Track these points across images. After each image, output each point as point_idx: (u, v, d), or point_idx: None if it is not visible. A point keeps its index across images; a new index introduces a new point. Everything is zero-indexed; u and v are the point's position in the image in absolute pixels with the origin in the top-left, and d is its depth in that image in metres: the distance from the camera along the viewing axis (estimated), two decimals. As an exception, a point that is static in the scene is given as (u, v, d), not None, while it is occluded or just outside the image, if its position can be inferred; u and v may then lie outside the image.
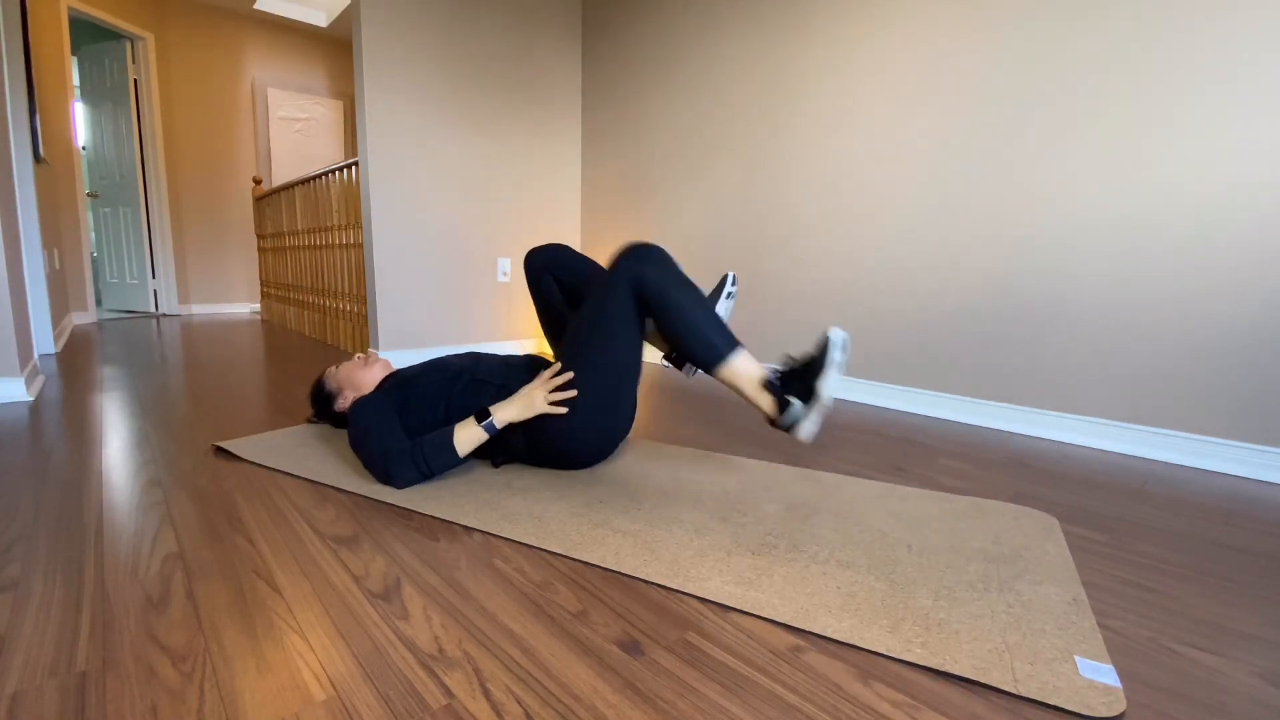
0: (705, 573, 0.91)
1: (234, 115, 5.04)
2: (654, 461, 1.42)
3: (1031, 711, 0.65)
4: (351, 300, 2.98)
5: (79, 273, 4.05)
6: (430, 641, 0.75)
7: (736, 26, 2.44)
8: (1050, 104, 1.66)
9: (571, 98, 3.17)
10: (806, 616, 0.81)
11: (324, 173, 3.10)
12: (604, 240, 3.17)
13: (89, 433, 1.60)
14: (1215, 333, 1.46)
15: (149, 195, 4.68)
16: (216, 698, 0.64)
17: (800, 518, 1.12)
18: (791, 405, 1.19)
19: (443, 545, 1.00)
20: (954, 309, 1.90)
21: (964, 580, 0.91)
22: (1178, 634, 0.80)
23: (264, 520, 1.08)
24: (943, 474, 1.40)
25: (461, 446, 1.23)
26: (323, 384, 1.55)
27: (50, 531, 1.03)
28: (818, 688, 0.68)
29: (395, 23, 2.50)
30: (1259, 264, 1.39)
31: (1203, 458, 1.49)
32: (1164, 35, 1.48)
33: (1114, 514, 1.20)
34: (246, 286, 5.25)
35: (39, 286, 2.78)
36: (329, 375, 1.55)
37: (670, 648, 0.74)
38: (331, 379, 1.54)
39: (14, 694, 0.65)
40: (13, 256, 1.97)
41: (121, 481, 1.26)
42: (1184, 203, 1.48)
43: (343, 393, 1.53)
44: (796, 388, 1.19)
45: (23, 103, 2.73)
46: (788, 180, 2.32)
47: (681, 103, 2.69)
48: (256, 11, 4.92)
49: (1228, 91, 1.41)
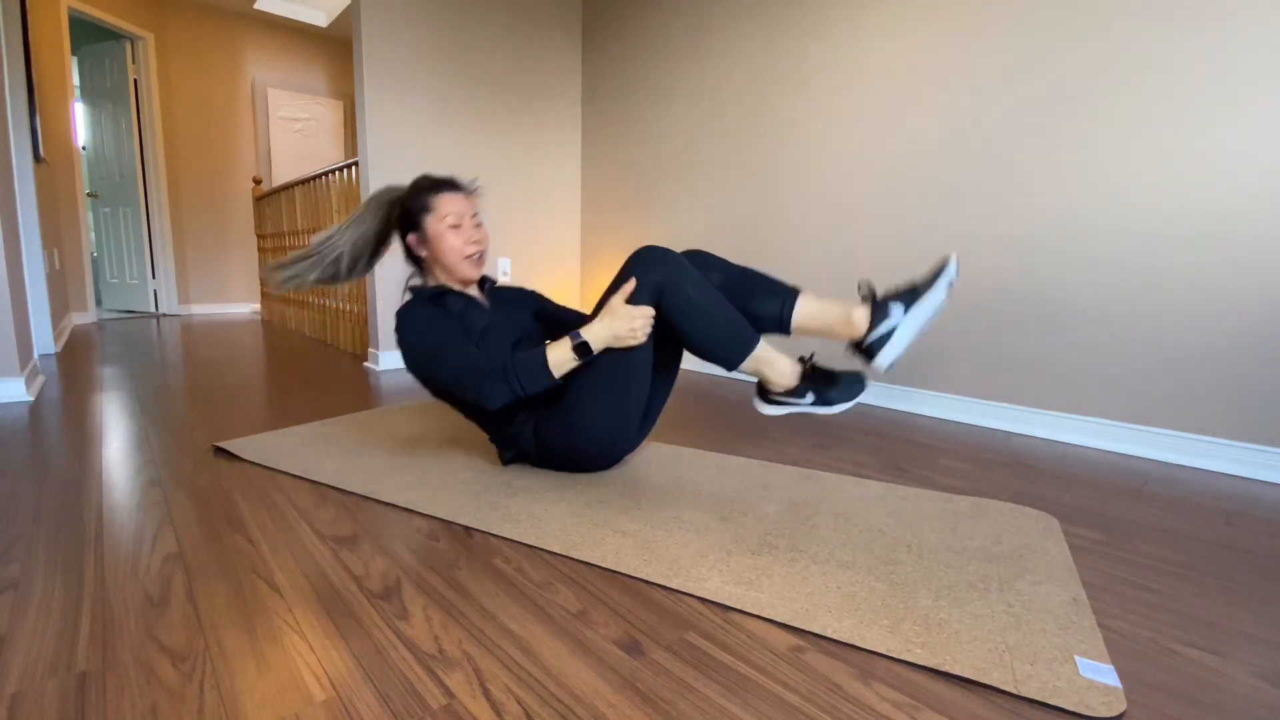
0: (705, 573, 0.91)
1: (234, 115, 5.04)
2: (654, 461, 1.42)
3: (1032, 711, 0.65)
4: (351, 300, 2.98)
5: (79, 273, 4.05)
6: (430, 641, 0.75)
7: (737, 25, 2.44)
8: (1051, 105, 1.66)
9: (571, 97, 3.17)
10: (806, 616, 0.81)
11: (324, 173, 3.10)
12: (604, 240, 3.17)
13: (89, 433, 1.60)
14: (1216, 333, 1.46)
15: (149, 195, 4.67)
16: (216, 698, 0.64)
17: (800, 518, 1.12)
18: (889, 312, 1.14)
19: (443, 545, 1.00)
20: (954, 309, 1.90)
21: (964, 580, 0.91)
22: (1178, 634, 0.80)
23: (264, 520, 1.08)
24: (943, 474, 1.40)
25: (556, 369, 1.18)
26: (418, 212, 1.31)
27: (50, 531, 1.03)
28: (818, 688, 0.68)
29: (395, 23, 2.50)
30: (1259, 264, 1.39)
31: (1203, 458, 1.49)
32: (1167, 37, 1.48)
33: (1114, 514, 1.20)
34: (246, 286, 5.24)
35: (39, 286, 2.78)
36: (432, 221, 1.31)
37: (670, 648, 0.74)
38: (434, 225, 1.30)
39: (14, 694, 0.65)
40: (13, 256, 1.97)
41: (121, 481, 1.26)
42: (1185, 203, 1.48)
43: (431, 268, 1.37)
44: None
45: (23, 103, 2.73)
46: (788, 180, 2.32)
47: (682, 102, 2.69)
48: (256, 11, 4.92)
49: (1229, 93, 1.40)
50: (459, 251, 1.30)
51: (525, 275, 3.10)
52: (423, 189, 1.31)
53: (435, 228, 1.29)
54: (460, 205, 1.31)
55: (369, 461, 1.38)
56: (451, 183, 1.33)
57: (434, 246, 1.31)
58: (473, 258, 1.32)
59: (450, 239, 1.29)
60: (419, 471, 1.33)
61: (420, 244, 1.33)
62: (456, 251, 1.30)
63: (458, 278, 1.34)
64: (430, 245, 1.31)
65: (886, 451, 1.57)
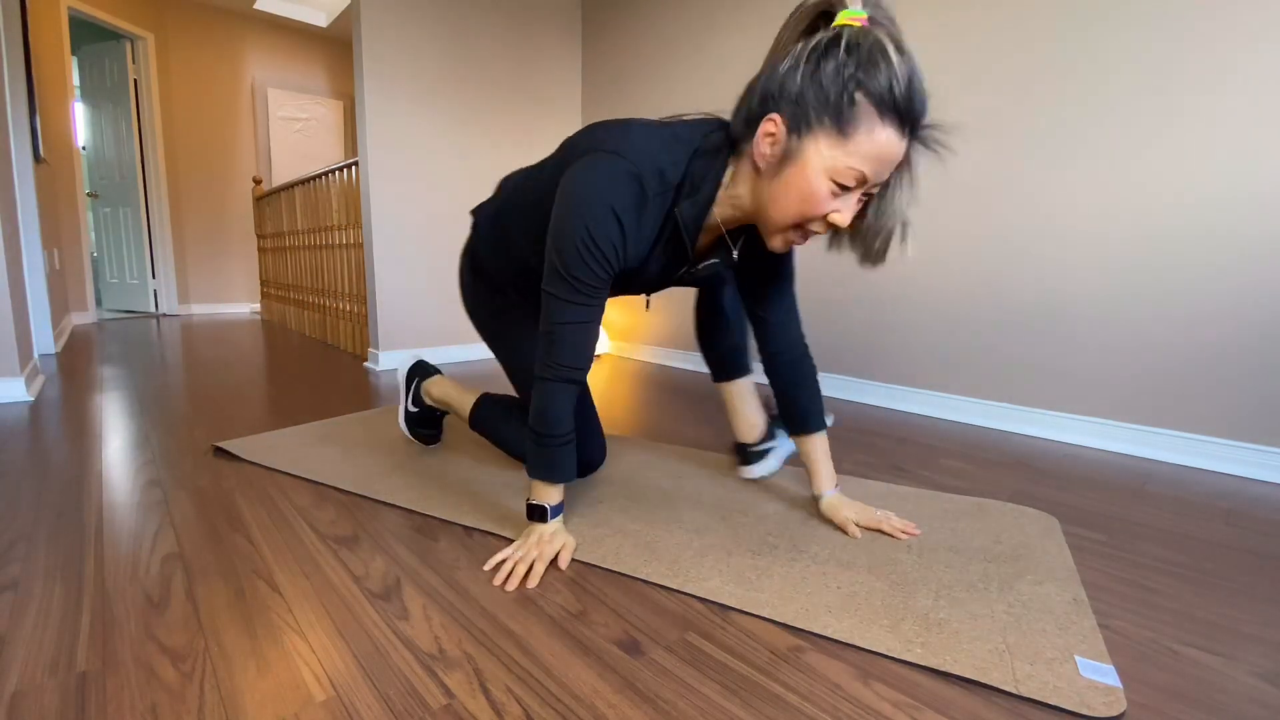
0: (705, 573, 0.91)
1: (234, 115, 5.04)
2: (654, 461, 1.42)
3: (1032, 711, 0.65)
4: (351, 300, 2.98)
5: (79, 273, 4.05)
6: (430, 641, 0.75)
7: (736, 25, 2.44)
8: (1053, 104, 1.66)
9: (571, 97, 3.17)
10: (807, 616, 0.80)
11: (324, 173, 3.10)
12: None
13: (89, 433, 1.60)
14: (1216, 332, 1.46)
15: (149, 195, 4.68)
16: (216, 698, 0.64)
17: (800, 518, 1.12)
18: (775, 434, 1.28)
19: (443, 545, 1.00)
20: (954, 308, 1.90)
21: (964, 580, 0.91)
22: (1178, 634, 0.80)
23: (264, 520, 1.08)
24: (943, 474, 1.40)
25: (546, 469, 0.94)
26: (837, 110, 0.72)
27: (50, 531, 1.03)
28: (818, 688, 0.68)
29: (395, 23, 2.50)
30: (1260, 264, 1.39)
31: (1203, 458, 1.49)
32: (1169, 37, 1.48)
33: (1114, 514, 1.20)
34: (246, 286, 5.24)
35: (39, 286, 2.78)
36: (828, 148, 0.74)
37: (670, 648, 0.74)
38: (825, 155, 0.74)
39: (14, 694, 0.65)
40: (13, 256, 1.97)
41: (121, 481, 1.26)
42: (1185, 203, 1.48)
43: (740, 173, 0.83)
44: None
45: (23, 103, 2.73)
46: (788, 180, 2.31)
47: (682, 102, 2.69)
48: (256, 11, 4.92)
49: (1231, 94, 1.40)
50: (795, 215, 0.78)
51: (525, 275, 3.09)
52: (883, 86, 0.70)
53: (819, 160, 0.75)
54: (884, 162, 0.75)
55: (369, 461, 1.38)
56: (913, 115, 0.74)
57: (787, 175, 0.77)
58: (799, 232, 0.82)
59: (815, 190, 0.76)
60: (419, 471, 1.33)
61: (775, 147, 0.77)
62: (793, 213, 0.78)
63: (760, 228, 0.84)
64: (785, 168, 0.77)
65: (886, 451, 1.57)
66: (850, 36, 0.70)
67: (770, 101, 0.75)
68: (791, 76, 0.73)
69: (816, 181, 0.75)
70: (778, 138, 0.76)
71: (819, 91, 0.72)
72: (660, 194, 0.81)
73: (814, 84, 0.71)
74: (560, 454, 0.94)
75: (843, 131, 0.73)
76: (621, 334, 3.15)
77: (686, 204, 0.82)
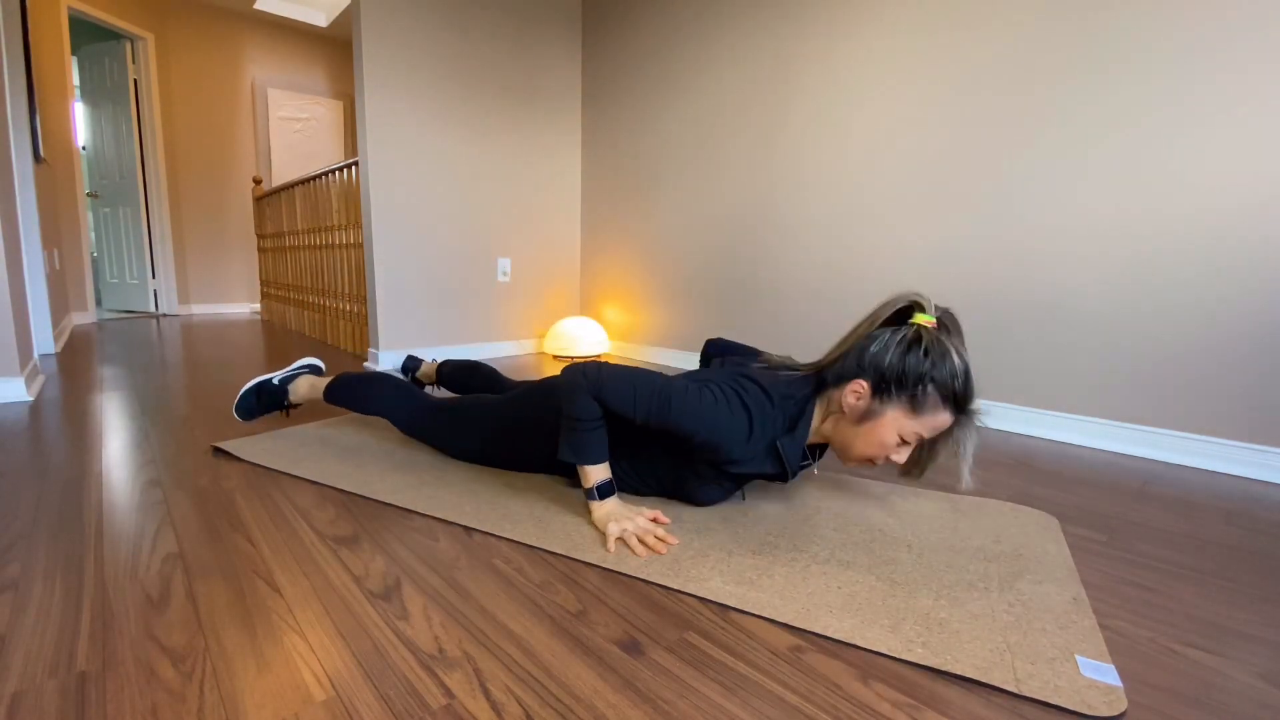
0: (705, 573, 0.91)
1: (234, 115, 5.03)
2: (654, 461, 1.42)
3: (1032, 711, 0.65)
4: (351, 300, 2.98)
5: (79, 273, 4.05)
6: (430, 641, 0.75)
7: (736, 24, 2.44)
8: (1054, 104, 1.66)
9: (571, 97, 3.17)
10: (807, 616, 0.80)
11: (324, 173, 3.10)
12: (604, 240, 3.16)
13: (89, 433, 1.60)
14: (1216, 333, 1.46)
15: (149, 195, 4.67)
16: (216, 698, 0.64)
17: (800, 518, 1.12)
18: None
19: (443, 545, 1.00)
20: (954, 308, 1.90)
21: (964, 580, 0.91)
22: (1178, 634, 0.80)
23: (264, 520, 1.08)
24: (943, 474, 1.40)
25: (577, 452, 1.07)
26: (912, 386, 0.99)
27: (50, 531, 1.03)
28: (818, 688, 0.68)
29: (395, 23, 2.50)
30: (1260, 265, 1.39)
31: (1203, 458, 1.49)
32: (1170, 37, 1.48)
33: (1114, 514, 1.20)
34: (246, 286, 5.24)
35: (39, 286, 2.78)
36: (901, 416, 1.01)
37: (670, 648, 0.74)
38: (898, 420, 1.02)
39: (14, 694, 0.65)
40: (13, 256, 1.97)
41: (121, 481, 1.26)
42: (1186, 203, 1.48)
43: (828, 412, 1.09)
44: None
45: (23, 103, 2.73)
46: (788, 179, 2.32)
47: (681, 102, 2.69)
48: (256, 11, 4.92)
49: (1233, 94, 1.40)
50: (868, 454, 1.05)
51: (525, 275, 3.10)
52: (947, 381, 0.98)
53: (893, 423, 1.01)
54: (938, 430, 1.03)
55: (369, 461, 1.38)
56: (965, 402, 1.01)
57: (867, 427, 1.03)
58: (868, 463, 1.08)
59: (886, 441, 1.02)
60: (419, 471, 1.33)
61: (860, 402, 1.03)
62: (867, 453, 1.05)
63: (834, 450, 1.11)
64: (865, 422, 1.03)
65: (887, 451, 1.57)
66: (927, 339, 0.98)
67: (862, 370, 1.03)
68: (881, 357, 1.01)
69: (889, 437, 1.02)
70: (862, 395, 1.03)
71: (901, 376, 0.99)
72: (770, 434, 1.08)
73: (898, 369, 0.99)
74: (591, 436, 1.06)
75: (915, 409, 1.00)
76: (621, 334, 3.15)
77: (787, 440, 1.08)
